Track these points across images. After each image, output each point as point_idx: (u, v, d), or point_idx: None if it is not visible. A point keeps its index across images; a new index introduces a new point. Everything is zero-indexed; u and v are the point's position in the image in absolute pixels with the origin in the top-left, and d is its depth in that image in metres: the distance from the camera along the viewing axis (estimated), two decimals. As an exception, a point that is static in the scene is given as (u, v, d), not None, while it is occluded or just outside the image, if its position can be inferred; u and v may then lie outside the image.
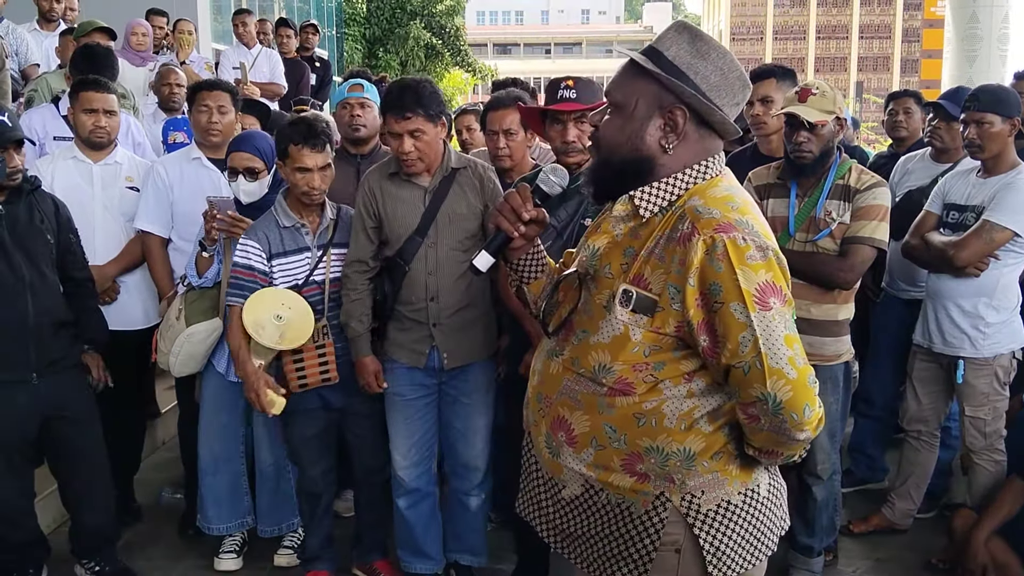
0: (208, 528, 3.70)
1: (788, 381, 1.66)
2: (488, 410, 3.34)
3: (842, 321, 3.34)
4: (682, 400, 1.77)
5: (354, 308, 3.21)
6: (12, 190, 3.19)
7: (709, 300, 1.69)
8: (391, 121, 3.08)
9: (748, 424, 1.75)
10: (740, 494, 1.83)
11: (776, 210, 3.38)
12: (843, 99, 3.39)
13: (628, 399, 1.78)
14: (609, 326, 1.79)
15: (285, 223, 3.27)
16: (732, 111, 1.83)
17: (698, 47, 1.79)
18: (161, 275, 3.84)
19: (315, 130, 3.17)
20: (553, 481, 1.94)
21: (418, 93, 3.07)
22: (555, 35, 69.96)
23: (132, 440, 4.18)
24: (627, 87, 1.82)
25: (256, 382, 3.17)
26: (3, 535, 3.29)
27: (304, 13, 16.93)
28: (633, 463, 1.80)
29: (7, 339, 3.13)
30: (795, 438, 1.71)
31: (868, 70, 58.90)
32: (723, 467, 1.81)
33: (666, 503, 1.80)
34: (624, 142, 1.82)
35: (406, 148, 3.07)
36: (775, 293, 1.69)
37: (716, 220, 1.70)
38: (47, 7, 6.59)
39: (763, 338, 1.66)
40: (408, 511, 3.35)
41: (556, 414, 1.89)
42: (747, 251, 1.68)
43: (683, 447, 1.77)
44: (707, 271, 1.68)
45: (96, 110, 3.80)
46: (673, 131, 1.79)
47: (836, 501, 3.61)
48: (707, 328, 1.71)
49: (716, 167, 1.84)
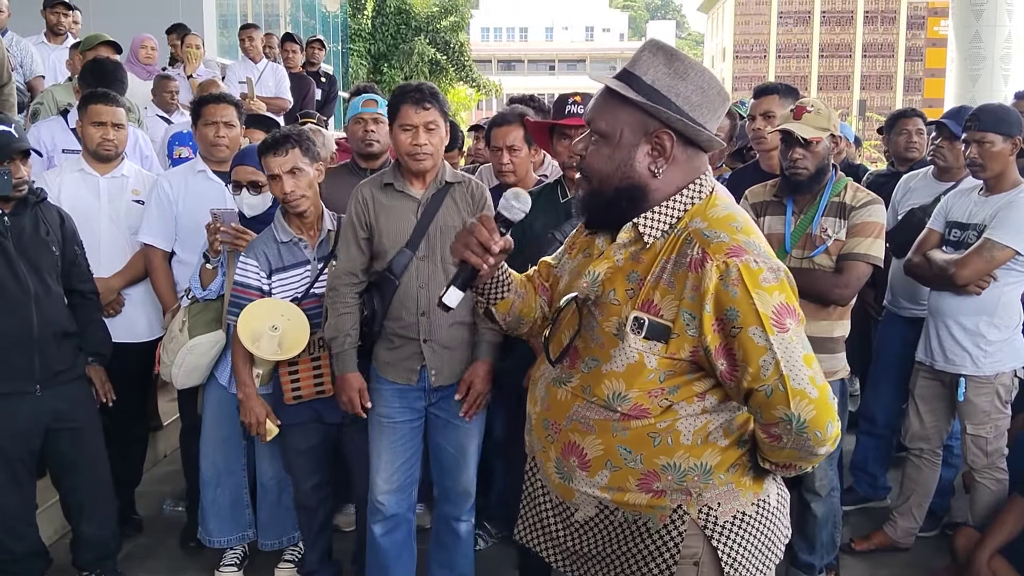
0: (209, 541, 3.70)
1: (811, 400, 1.66)
2: (479, 432, 3.28)
3: (837, 338, 3.35)
4: (696, 417, 1.78)
5: (342, 322, 3.10)
6: (18, 202, 3.20)
7: (726, 326, 1.69)
8: (408, 112, 3.03)
9: (770, 443, 1.75)
10: (753, 504, 1.84)
11: (772, 227, 3.40)
12: (838, 117, 3.41)
13: (643, 421, 1.78)
14: (623, 354, 1.77)
15: (283, 238, 3.28)
16: (714, 125, 1.83)
17: (675, 67, 1.78)
18: (164, 288, 3.85)
19: (275, 137, 3.20)
20: (564, 505, 1.93)
21: (435, 91, 3.10)
22: (559, 52, 70.33)
23: (134, 452, 4.19)
24: (609, 116, 1.80)
25: (258, 410, 3.26)
26: (5, 546, 3.28)
27: (310, 28, 17.04)
28: (650, 481, 1.80)
29: (11, 350, 3.14)
30: (817, 453, 1.72)
31: (871, 88, 59.05)
32: (738, 479, 1.82)
33: (684, 516, 1.80)
34: (614, 171, 1.81)
35: (421, 140, 3.03)
36: (790, 314, 1.69)
37: (726, 244, 1.70)
38: (55, 20, 6.65)
39: (784, 360, 1.66)
40: (383, 538, 3.23)
41: (567, 440, 1.87)
42: (760, 274, 1.68)
43: (700, 462, 1.78)
44: (722, 296, 1.68)
45: (104, 123, 3.82)
46: (662, 155, 1.79)
47: (836, 518, 3.61)
48: (725, 353, 1.71)
49: (708, 183, 1.84)
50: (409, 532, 3.31)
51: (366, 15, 21.69)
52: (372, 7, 21.87)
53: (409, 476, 3.24)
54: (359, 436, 3.32)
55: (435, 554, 3.40)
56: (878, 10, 60.63)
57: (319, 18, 18.51)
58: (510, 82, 40.69)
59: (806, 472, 3.37)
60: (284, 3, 16.93)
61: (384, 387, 3.19)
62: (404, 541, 3.28)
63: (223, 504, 3.67)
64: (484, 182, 3.71)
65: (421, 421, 3.23)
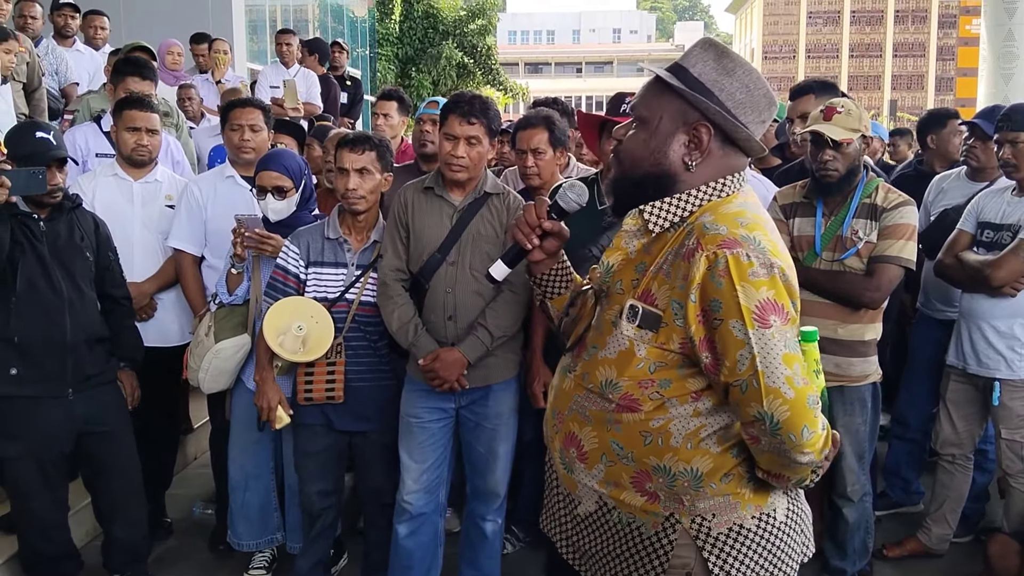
0: (238, 544, 3.73)
1: (785, 401, 1.63)
2: (511, 434, 3.28)
3: (869, 341, 3.31)
4: (688, 419, 1.76)
5: (403, 312, 3.13)
6: (53, 207, 3.25)
7: (710, 316, 1.68)
8: (453, 122, 3.09)
9: (751, 444, 1.73)
10: (754, 518, 1.79)
11: (802, 229, 3.37)
12: (868, 117, 3.37)
13: (634, 416, 1.77)
14: (615, 341, 1.79)
15: (330, 235, 3.29)
16: (758, 129, 1.82)
17: (724, 64, 1.79)
18: (193, 293, 3.88)
19: (356, 135, 3.27)
20: (570, 497, 1.94)
21: (487, 105, 3.13)
22: (586, 54, 70.24)
23: (165, 455, 4.22)
24: (652, 103, 1.83)
25: (271, 396, 3.27)
26: (38, 548, 3.34)
27: (338, 33, 17.13)
28: (642, 481, 1.79)
29: (45, 354, 3.18)
30: (797, 460, 1.67)
31: (902, 88, 58.44)
32: (735, 490, 1.78)
33: (675, 525, 1.78)
34: (646, 156, 1.82)
35: (459, 152, 3.08)
36: (776, 311, 1.66)
37: (721, 236, 1.69)
38: (62, 23, 6.76)
39: (760, 356, 1.64)
40: (407, 539, 3.24)
41: (568, 430, 1.89)
42: (750, 268, 1.66)
43: (690, 467, 1.76)
44: (708, 287, 1.67)
45: (139, 128, 3.85)
46: (697, 148, 1.79)
47: (868, 523, 3.56)
48: (708, 345, 1.70)
49: (735, 184, 1.82)
50: (435, 534, 3.32)
51: (394, 19, 21.75)
52: (400, 12, 21.94)
53: (438, 476, 3.26)
54: (370, 448, 3.35)
55: (464, 552, 3.43)
56: (909, 9, 59.99)
57: (347, 23, 18.59)
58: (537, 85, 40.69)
59: (838, 476, 3.39)
60: (312, 8, 17.02)
61: (414, 388, 3.23)
62: (429, 543, 3.30)
63: (252, 507, 3.69)
64: (510, 185, 3.72)
65: (450, 421, 3.25)
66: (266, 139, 3.95)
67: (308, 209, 3.61)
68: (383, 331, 3.25)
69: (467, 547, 3.41)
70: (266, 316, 3.17)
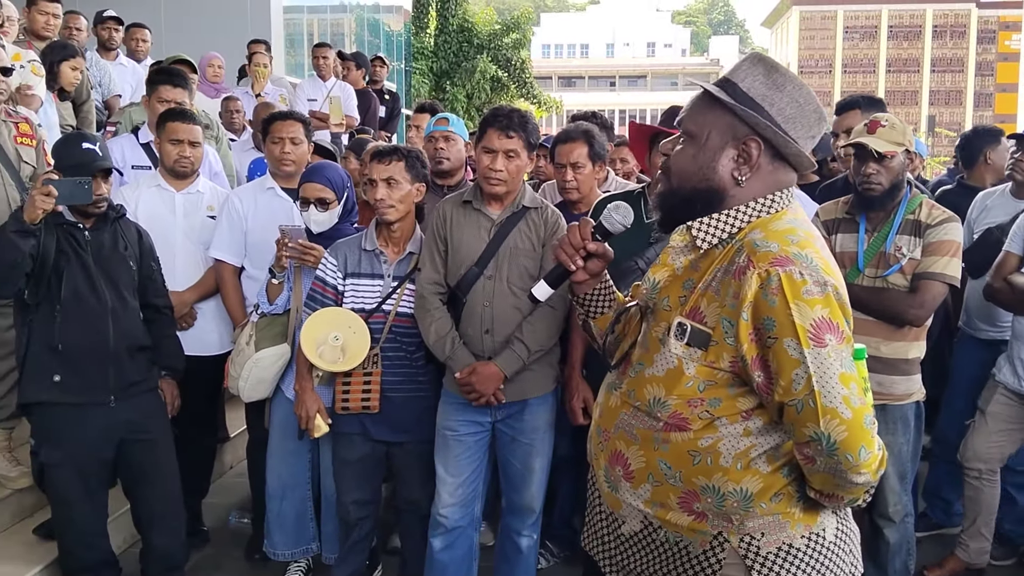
0: (274, 554, 3.74)
1: (842, 421, 1.61)
2: (547, 450, 3.28)
3: (912, 359, 3.27)
4: (738, 439, 1.74)
5: (441, 326, 3.15)
6: (98, 218, 3.30)
7: (763, 335, 1.66)
8: (492, 136, 3.12)
9: (805, 465, 1.71)
10: (804, 538, 1.77)
11: (845, 245, 3.33)
12: (912, 133, 3.33)
13: (683, 435, 1.75)
14: (663, 359, 1.78)
15: (367, 246, 3.32)
16: (808, 144, 1.81)
17: (774, 79, 1.78)
18: (233, 303, 3.91)
19: (384, 147, 3.34)
20: (613, 516, 1.93)
21: (525, 120, 3.16)
22: (620, 68, 70.25)
23: (203, 463, 4.26)
24: (700, 117, 1.82)
25: (310, 405, 3.32)
26: (77, 555, 3.38)
27: (374, 47, 17.28)
28: (689, 501, 1.77)
29: (88, 362, 3.22)
30: (853, 481, 1.65)
31: (940, 104, 57.87)
32: (784, 509, 1.76)
33: (724, 544, 1.76)
34: (695, 172, 1.81)
35: (497, 166, 3.11)
36: (831, 330, 1.64)
37: (773, 253, 1.67)
38: (106, 36, 6.89)
39: (817, 375, 1.62)
40: (442, 553, 3.24)
41: (613, 448, 1.88)
42: (803, 286, 1.64)
43: (740, 487, 1.74)
44: (761, 305, 1.66)
45: (181, 140, 3.90)
46: (747, 163, 1.78)
47: (910, 544, 3.50)
48: (761, 364, 1.68)
49: (783, 200, 1.81)
50: (470, 548, 3.32)
51: (429, 33, 21.93)
52: (435, 26, 22.13)
53: (473, 490, 3.27)
54: (406, 458, 3.37)
55: (499, 567, 3.43)
56: (947, 24, 59.46)
57: (383, 37, 18.76)
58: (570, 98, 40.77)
59: (880, 496, 3.34)
60: (349, 23, 17.20)
61: (450, 400, 3.24)
62: (463, 557, 3.29)
63: (288, 517, 3.71)
64: (548, 199, 3.72)
65: (486, 435, 3.26)
66: (306, 152, 3.99)
67: (350, 221, 3.65)
68: (419, 342, 3.27)
69: (502, 562, 3.40)
70: (304, 327, 3.21)
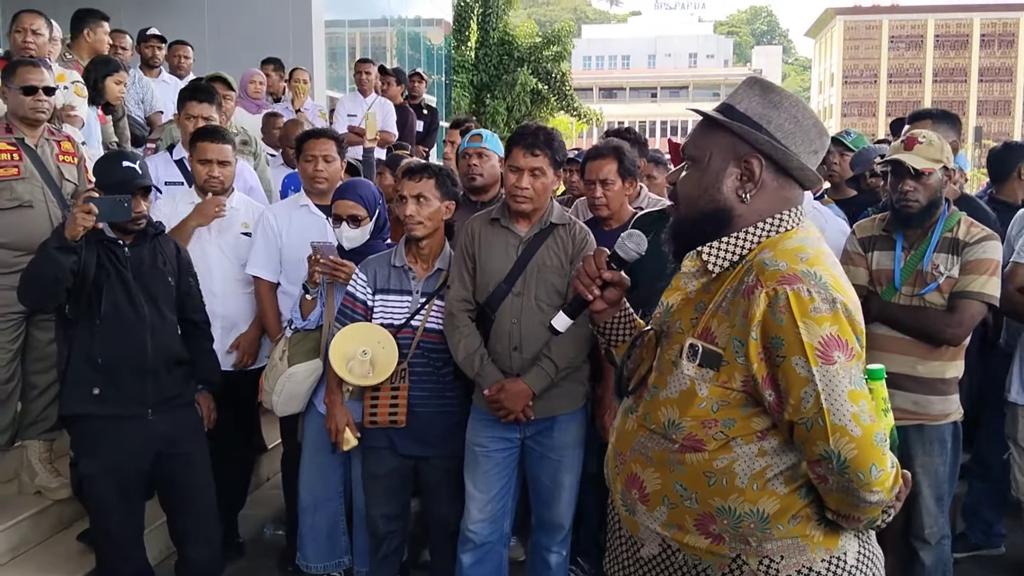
0: (307, 567, 3.77)
1: (852, 439, 1.61)
2: (576, 466, 3.28)
3: (950, 379, 3.21)
4: (754, 459, 1.73)
5: (469, 343, 3.18)
6: (138, 234, 3.37)
7: (772, 354, 1.67)
8: (517, 154, 3.16)
9: (819, 484, 1.70)
10: (824, 561, 1.75)
11: (881, 263, 3.29)
12: (951, 150, 3.29)
13: (698, 456, 1.75)
14: (677, 381, 1.79)
15: (396, 263, 3.36)
16: (811, 159, 1.81)
17: (770, 98, 1.81)
18: (270, 318, 3.97)
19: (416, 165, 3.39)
20: (632, 539, 1.93)
21: (551, 137, 3.19)
22: (661, 79, 69.95)
23: (239, 476, 4.31)
24: (701, 141, 1.84)
25: (340, 418, 3.38)
26: (114, 566, 3.42)
27: (415, 61, 17.43)
28: (706, 523, 1.77)
29: (126, 375, 3.28)
30: (866, 499, 1.64)
31: (988, 114, 56.84)
32: (803, 531, 1.74)
33: (743, 566, 1.75)
34: (701, 195, 1.82)
35: (523, 183, 3.14)
36: (840, 347, 1.64)
37: (781, 272, 1.68)
38: (149, 54, 7.02)
39: (825, 393, 1.62)
40: (472, 569, 3.26)
41: (629, 471, 1.88)
42: (811, 304, 1.64)
43: (756, 508, 1.73)
44: (769, 324, 1.67)
45: (210, 160, 3.97)
46: (750, 180, 1.79)
47: (947, 567, 3.43)
48: (771, 383, 1.69)
49: (793, 219, 1.81)
50: (500, 564, 3.33)
51: (469, 47, 22.03)
52: (476, 39, 22.23)
53: (502, 506, 3.28)
54: (434, 473, 3.38)
55: None
56: (995, 33, 58.48)
57: (423, 51, 18.92)
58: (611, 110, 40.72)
59: (915, 518, 3.28)
60: (390, 37, 17.37)
61: (479, 417, 3.25)
62: (493, 573, 3.31)
63: (320, 530, 3.74)
64: (579, 215, 3.73)
65: (515, 451, 3.26)
66: (339, 169, 4.03)
67: (382, 238, 3.69)
68: (448, 358, 3.29)
69: None
70: (333, 342, 3.25)
